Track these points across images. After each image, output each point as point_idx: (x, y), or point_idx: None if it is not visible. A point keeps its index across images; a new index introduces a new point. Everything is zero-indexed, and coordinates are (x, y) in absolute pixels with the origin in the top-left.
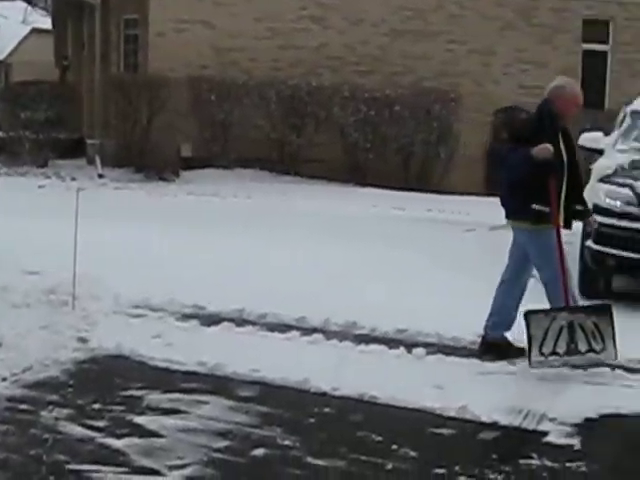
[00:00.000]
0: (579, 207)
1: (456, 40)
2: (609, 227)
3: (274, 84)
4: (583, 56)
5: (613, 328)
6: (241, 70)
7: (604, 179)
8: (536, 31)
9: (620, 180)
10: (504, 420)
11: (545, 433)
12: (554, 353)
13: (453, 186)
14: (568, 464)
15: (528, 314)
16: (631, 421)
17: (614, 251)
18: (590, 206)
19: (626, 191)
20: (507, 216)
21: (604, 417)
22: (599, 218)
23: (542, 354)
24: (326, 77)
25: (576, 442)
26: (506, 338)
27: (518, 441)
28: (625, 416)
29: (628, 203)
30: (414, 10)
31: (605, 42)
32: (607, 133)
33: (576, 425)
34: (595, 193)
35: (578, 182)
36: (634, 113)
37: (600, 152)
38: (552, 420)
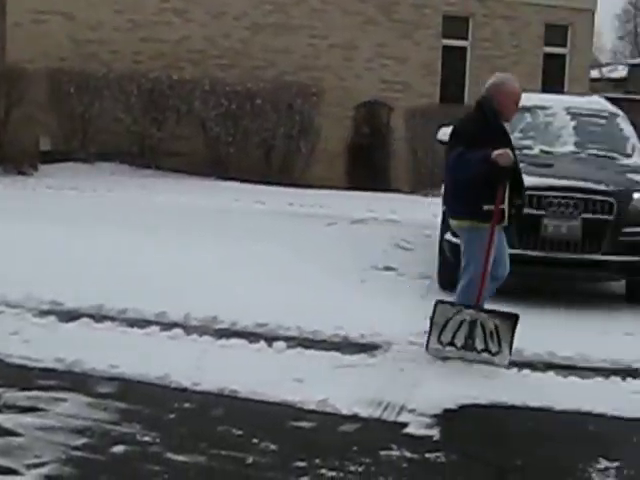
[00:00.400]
0: (519, 201)
1: (318, 34)
2: None
3: (135, 77)
4: (443, 52)
5: (512, 336)
6: (101, 62)
7: None
8: (397, 26)
9: None
10: (364, 412)
11: (405, 424)
12: (451, 344)
13: (314, 180)
14: (427, 455)
15: (438, 303)
16: (489, 411)
17: None
18: None
19: None
20: (451, 215)
21: (463, 407)
22: None
23: (440, 342)
24: (187, 70)
25: (435, 433)
26: None
27: (378, 433)
28: (483, 406)
29: None
30: (275, 4)
31: (465, 38)
32: None
33: (435, 416)
34: None
35: (518, 176)
36: None
37: None
38: (411, 411)
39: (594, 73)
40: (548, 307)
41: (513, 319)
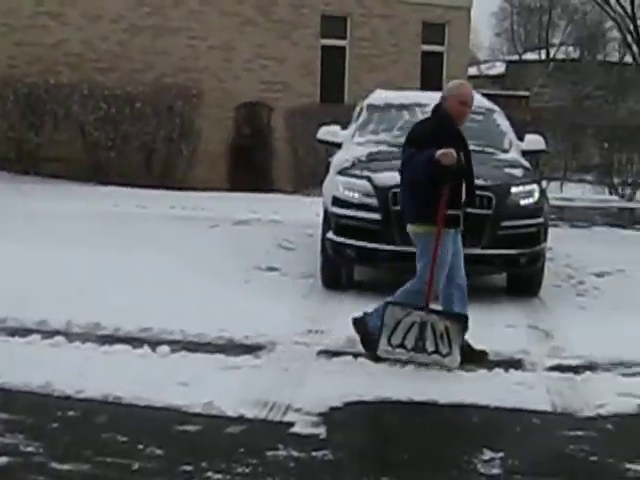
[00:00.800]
0: (468, 208)
1: (196, 36)
2: (348, 218)
3: (10, 82)
4: (322, 51)
5: (463, 337)
6: None
7: (342, 172)
8: (275, 27)
9: (358, 172)
10: (250, 413)
11: (291, 424)
12: (402, 346)
13: (197, 182)
14: (314, 453)
15: (388, 304)
16: (375, 408)
17: (354, 242)
18: (329, 198)
19: (364, 183)
20: (407, 219)
21: (349, 405)
22: (338, 210)
23: (390, 344)
24: (65, 74)
25: (322, 431)
26: (466, 341)
27: (264, 433)
28: (369, 403)
29: (366, 194)
30: (153, 6)
31: (343, 37)
32: (347, 127)
33: (321, 414)
34: (334, 185)
35: (472, 182)
36: (370, 106)
37: (338, 145)
38: (297, 411)
39: (472, 70)
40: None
41: (463, 321)
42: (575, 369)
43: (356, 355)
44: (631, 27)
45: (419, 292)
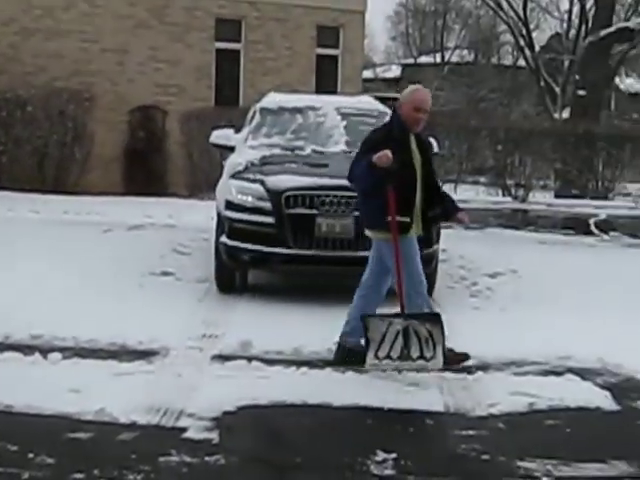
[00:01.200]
0: (433, 212)
1: (89, 39)
2: (242, 222)
3: None
4: (217, 54)
5: (444, 337)
6: None
7: (235, 175)
8: (169, 29)
9: (251, 176)
10: (142, 419)
11: (184, 429)
12: (388, 357)
13: (91, 187)
14: (207, 458)
15: (366, 318)
16: (268, 411)
17: (248, 246)
18: (222, 202)
19: (257, 186)
20: (364, 226)
21: (242, 409)
22: (231, 214)
23: (377, 357)
24: None
25: (215, 436)
26: (362, 345)
27: (157, 439)
28: (263, 407)
29: (259, 198)
30: (44, 8)
31: (238, 41)
32: (240, 130)
33: (215, 419)
34: (227, 189)
35: (433, 187)
36: (263, 110)
37: (231, 149)
38: (191, 416)
39: (368, 73)
40: (326, 305)
41: (439, 320)
42: (468, 369)
43: (250, 359)
44: (524, 31)
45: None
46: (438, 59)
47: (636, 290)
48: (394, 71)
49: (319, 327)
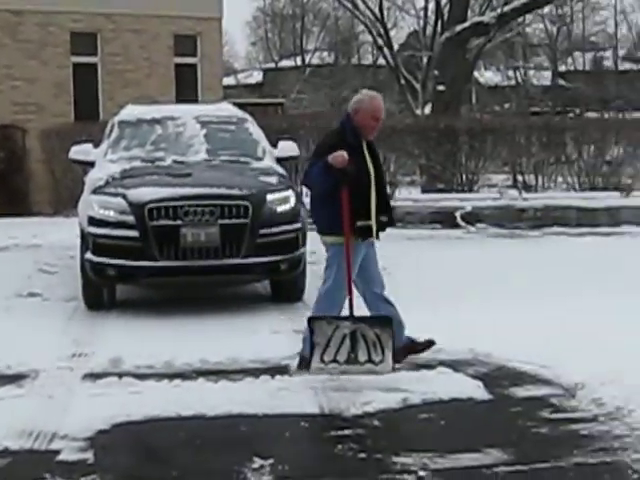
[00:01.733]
0: (384, 218)
1: None
2: (106, 237)
3: None
4: (74, 69)
5: (393, 340)
6: None
7: (96, 190)
8: (23, 47)
9: (112, 190)
10: (15, 445)
11: (58, 451)
12: (334, 361)
13: None
14: (82, 479)
15: (312, 320)
16: (143, 427)
17: (113, 261)
18: (85, 219)
19: (119, 200)
20: (318, 231)
21: (116, 426)
22: (95, 230)
23: (323, 361)
24: None
25: (89, 456)
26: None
27: (31, 464)
28: (137, 422)
29: (122, 212)
30: None
31: (94, 54)
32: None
33: (89, 439)
34: (89, 205)
35: (384, 194)
36: (121, 123)
37: (91, 164)
38: (64, 437)
39: (230, 80)
40: (195, 316)
41: (389, 323)
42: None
43: (121, 375)
44: (381, 30)
45: (325, 296)
46: (299, 62)
47: (502, 279)
48: (255, 76)
49: (190, 338)
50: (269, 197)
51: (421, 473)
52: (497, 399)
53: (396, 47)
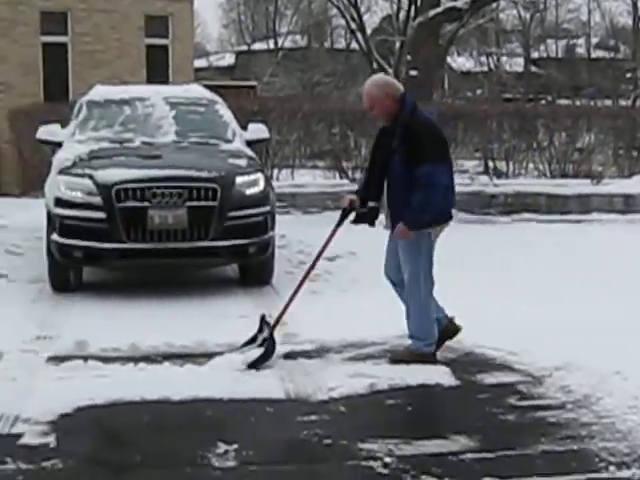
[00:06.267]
0: (372, 204)
1: None
2: (72, 219)
3: None
4: (43, 49)
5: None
6: None
7: (63, 171)
8: None
9: (80, 171)
10: None
11: (20, 435)
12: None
13: None
14: (44, 463)
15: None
16: (106, 410)
17: (80, 242)
18: (52, 199)
19: (86, 181)
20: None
21: (79, 410)
22: (61, 211)
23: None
24: None
25: (52, 440)
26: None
27: None
28: (101, 406)
29: (89, 193)
30: None
31: (65, 34)
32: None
33: (51, 422)
34: (56, 186)
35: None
36: (90, 103)
37: (59, 144)
38: (26, 421)
39: (202, 62)
40: (163, 299)
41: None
42: (308, 354)
43: (86, 358)
44: (355, 15)
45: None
46: (272, 45)
47: (474, 266)
48: (228, 59)
49: (156, 322)
50: (238, 180)
51: (387, 459)
52: (464, 385)
53: (369, 31)
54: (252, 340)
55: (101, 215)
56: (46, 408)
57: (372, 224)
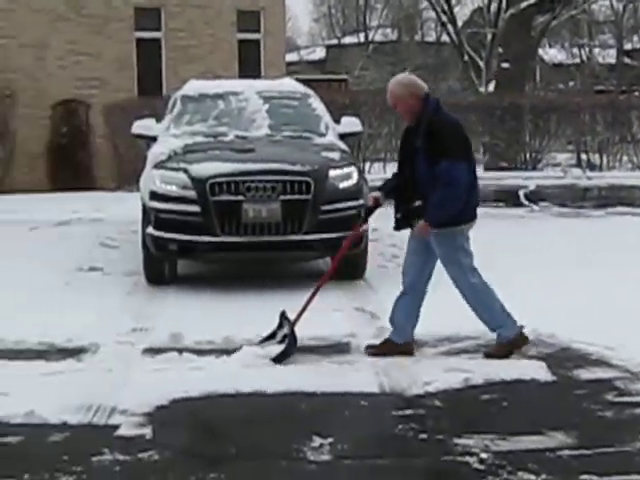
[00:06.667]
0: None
1: (6, 35)
2: (167, 212)
3: None
4: (137, 44)
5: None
6: None
7: (158, 165)
8: (88, 22)
9: (174, 165)
10: (73, 419)
11: (116, 426)
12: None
13: (17, 185)
14: (140, 455)
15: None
16: (201, 403)
17: (175, 236)
18: (147, 193)
19: (181, 175)
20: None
21: (175, 402)
22: (156, 204)
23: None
24: None
25: (148, 431)
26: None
27: (89, 438)
28: (196, 399)
29: (184, 187)
30: None
31: (158, 29)
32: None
33: (147, 414)
34: (151, 180)
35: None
36: (184, 97)
37: (154, 139)
38: (123, 412)
39: (293, 56)
40: (256, 292)
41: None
42: None
43: (181, 351)
44: (445, 7)
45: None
46: (362, 39)
47: (567, 261)
48: (318, 53)
49: (250, 314)
50: (331, 173)
51: (483, 455)
52: (561, 381)
53: (460, 24)
54: (272, 336)
55: (196, 208)
56: (142, 400)
57: (411, 226)
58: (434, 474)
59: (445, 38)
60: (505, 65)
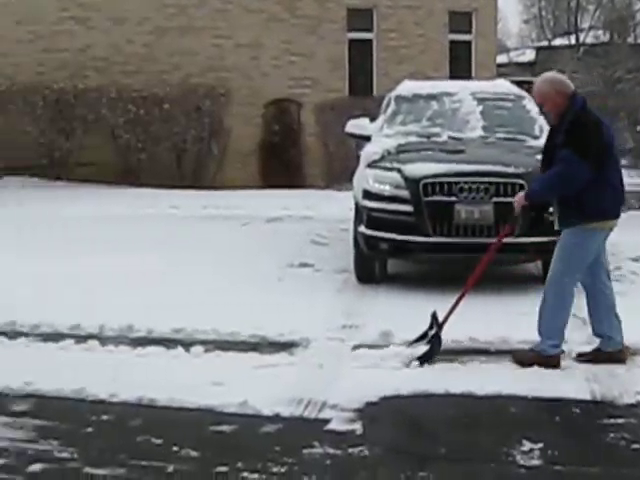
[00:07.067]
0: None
1: (222, 35)
2: (380, 211)
3: (39, 89)
4: (349, 45)
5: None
6: (4, 76)
7: (372, 164)
8: (301, 22)
9: (388, 164)
10: (285, 412)
11: (327, 421)
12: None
13: (228, 181)
14: (350, 450)
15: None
16: (411, 401)
17: (386, 235)
18: (360, 192)
19: (394, 175)
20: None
21: (385, 399)
22: (369, 203)
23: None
24: (93, 79)
25: (358, 427)
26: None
27: (300, 431)
28: (405, 396)
29: (397, 187)
30: (177, 6)
31: (370, 30)
32: (375, 119)
33: (357, 410)
34: (364, 178)
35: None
36: (398, 98)
37: (367, 138)
38: (333, 407)
39: (502, 58)
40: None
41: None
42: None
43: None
44: None
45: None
46: (573, 41)
47: None
48: (528, 55)
49: (459, 316)
50: None
51: None
52: None
53: None
54: (423, 336)
55: (408, 208)
56: (352, 396)
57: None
58: None
59: None
60: None
